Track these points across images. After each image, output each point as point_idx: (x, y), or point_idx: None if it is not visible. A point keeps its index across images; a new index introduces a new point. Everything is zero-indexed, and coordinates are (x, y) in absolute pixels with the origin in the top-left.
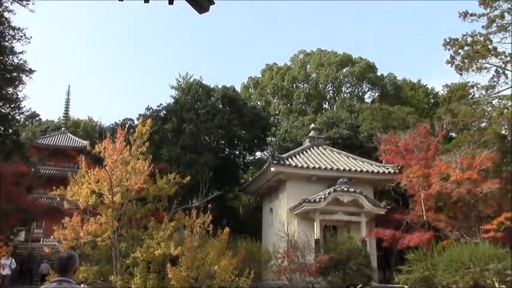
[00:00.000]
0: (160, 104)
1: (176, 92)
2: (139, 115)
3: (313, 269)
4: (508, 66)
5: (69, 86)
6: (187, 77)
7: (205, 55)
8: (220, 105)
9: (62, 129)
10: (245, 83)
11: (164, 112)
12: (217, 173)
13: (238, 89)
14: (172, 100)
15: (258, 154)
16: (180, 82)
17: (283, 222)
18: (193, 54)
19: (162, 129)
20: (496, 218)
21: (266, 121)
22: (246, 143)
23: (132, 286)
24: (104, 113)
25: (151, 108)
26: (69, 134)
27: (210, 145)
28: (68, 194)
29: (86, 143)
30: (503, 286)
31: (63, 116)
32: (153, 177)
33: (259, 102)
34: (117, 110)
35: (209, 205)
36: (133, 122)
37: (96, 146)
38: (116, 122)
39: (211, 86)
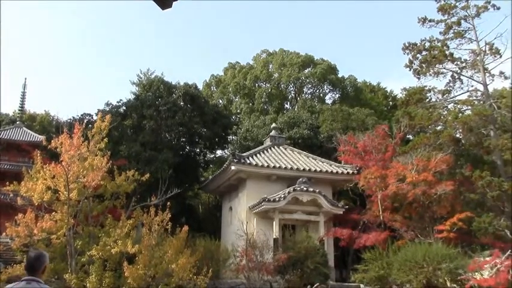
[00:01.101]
0: (120, 99)
1: (137, 88)
2: (99, 110)
3: (271, 267)
4: (464, 72)
5: (25, 78)
6: (149, 73)
7: (167, 52)
8: (181, 103)
9: (17, 123)
10: (207, 81)
11: (124, 108)
12: (177, 171)
13: (200, 86)
14: (133, 96)
15: (219, 152)
16: (141, 78)
17: (243, 221)
18: (155, 50)
19: (121, 125)
20: (449, 219)
21: (227, 119)
22: (207, 141)
23: (88, 285)
24: (62, 108)
25: (110, 103)
26: (24, 128)
27: (171, 142)
28: (22, 189)
29: (42, 137)
30: (455, 285)
31: (19, 110)
32: (111, 174)
33: (221, 101)
34: (75, 105)
35: (168, 203)
36: (92, 118)
37: (52, 141)
38: (73, 117)
39: (173, 83)
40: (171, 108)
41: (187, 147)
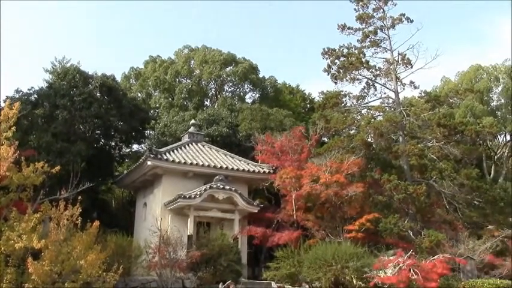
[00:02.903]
0: (32, 87)
1: (50, 76)
2: (7, 97)
3: (184, 264)
4: (378, 80)
5: None
6: (64, 61)
7: (85, 40)
8: (98, 94)
9: None
10: (126, 74)
11: (36, 96)
12: (91, 164)
13: (119, 78)
14: (46, 84)
15: (135, 147)
16: (55, 66)
17: (157, 217)
18: (72, 37)
19: (32, 114)
20: (358, 219)
21: (146, 114)
22: (123, 134)
23: None
24: None
25: (21, 91)
26: None
27: (85, 134)
28: None
29: None
30: (360, 282)
31: None
32: (18, 165)
33: (139, 94)
34: None
35: (79, 197)
36: None
37: None
38: None
39: (90, 73)
40: (87, 99)
41: (102, 140)
